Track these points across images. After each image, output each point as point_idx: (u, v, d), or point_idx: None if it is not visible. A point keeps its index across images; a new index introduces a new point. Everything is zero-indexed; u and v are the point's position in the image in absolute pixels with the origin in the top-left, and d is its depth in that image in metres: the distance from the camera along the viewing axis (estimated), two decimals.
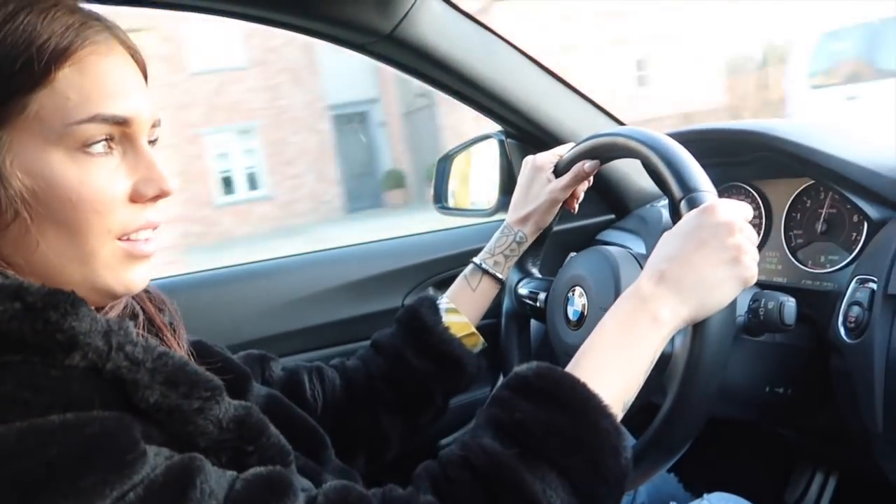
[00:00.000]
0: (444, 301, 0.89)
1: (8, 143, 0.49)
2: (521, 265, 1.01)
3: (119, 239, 0.54)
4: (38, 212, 0.50)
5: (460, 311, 0.89)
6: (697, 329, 0.63)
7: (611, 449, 0.54)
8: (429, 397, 0.86)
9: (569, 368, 0.60)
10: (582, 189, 0.96)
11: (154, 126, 0.56)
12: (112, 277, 0.54)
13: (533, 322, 1.03)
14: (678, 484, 1.13)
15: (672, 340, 0.68)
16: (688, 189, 0.68)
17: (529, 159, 0.96)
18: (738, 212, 0.64)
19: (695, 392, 0.63)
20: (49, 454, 0.42)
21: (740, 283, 0.63)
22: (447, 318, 0.87)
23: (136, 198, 0.54)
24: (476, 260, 0.93)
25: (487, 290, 0.92)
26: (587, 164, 0.89)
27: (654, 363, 0.62)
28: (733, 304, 0.64)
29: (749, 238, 0.64)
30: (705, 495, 0.90)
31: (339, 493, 0.53)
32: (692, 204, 0.66)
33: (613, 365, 0.60)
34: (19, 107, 0.49)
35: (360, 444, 0.84)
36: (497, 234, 0.94)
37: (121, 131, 0.53)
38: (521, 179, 0.95)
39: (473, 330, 0.89)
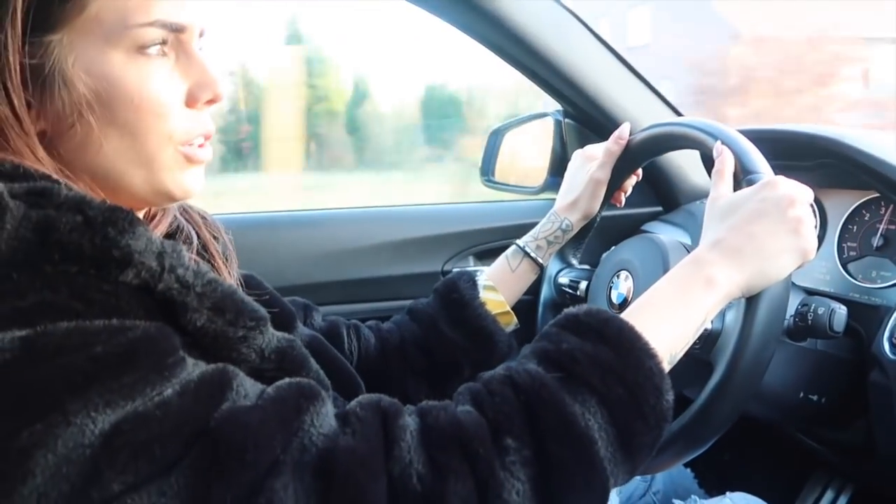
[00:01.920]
0: (482, 278, 0.90)
1: (69, 43, 0.50)
2: (561, 255, 1.01)
3: (174, 144, 0.55)
4: (101, 113, 0.51)
5: (498, 290, 0.90)
6: (750, 303, 0.63)
7: (653, 388, 0.54)
8: (457, 369, 0.87)
9: (621, 315, 0.60)
10: (630, 182, 0.96)
11: (201, 35, 0.58)
12: (171, 180, 0.56)
13: None
14: (693, 479, 1.14)
15: (723, 317, 0.68)
16: (749, 171, 0.68)
17: (580, 151, 0.97)
18: (799, 189, 0.65)
19: (744, 366, 0.63)
20: (93, 351, 0.43)
21: (799, 254, 0.63)
22: (484, 295, 0.88)
23: (191, 102, 0.55)
24: (519, 242, 0.93)
25: (526, 274, 0.93)
26: (612, 144, 0.90)
27: (703, 337, 0.62)
28: (789, 279, 0.64)
29: (810, 215, 0.64)
30: (728, 493, 0.91)
31: (371, 399, 0.54)
32: (752, 184, 0.67)
33: (664, 318, 0.60)
34: (79, 7, 0.50)
35: None
36: (543, 220, 0.94)
37: (175, 37, 0.54)
38: (570, 168, 0.96)
39: (508, 309, 0.89)
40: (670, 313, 0.61)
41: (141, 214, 0.59)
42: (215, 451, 0.45)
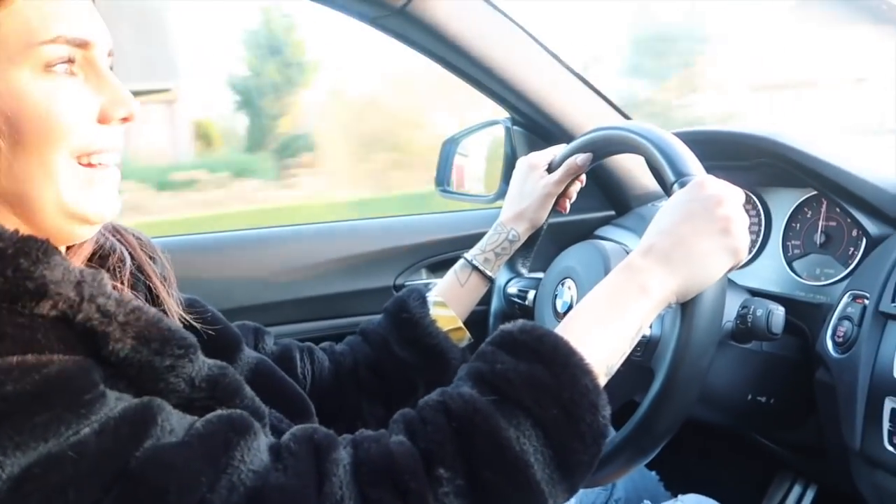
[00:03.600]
0: (433, 294, 0.89)
1: None
2: (510, 265, 1.01)
3: (80, 161, 0.53)
4: (9, 133, 0.49)
5: (448, 305, 0.89)
6: (686, 308, 0.63)
7: (589, 405, 0.53)
8: (412, 388, 0.86)
9: (556, 330, 0.59)
10: (574, 189, 0.95)
11: (110, 54, 0.56)
12: (82, 200, 0.54)
13: None
14: (658, 482, 1.14)
15: (661, 322, 0.67)
16: (680, 173, 0.68)
17: (523, 158, 0.96)
18: (728, 189, 0.64)
19: (684, 373, 0.62)
20: (4, 390, 0.42)
21: (730, 254, 0.62)
22: (435, 312, 0.86)
23: (104, 119, 0.54)
24: (467, 256, 0.92)
25: (476, 287, 0.92)
26: (579, 158, 0.88)
27: (643, 344, 0.61)
28: (724, 281, 0.64)
29: (740, 214, 0.63)
30: (679, 496, 0.90)
31: (304, 431, 0.53)
32: (684, 186, 0.66)
33: (598, 330, 0.59)
34: None
35: (340, 429, 0.85)
36: (490, 232, 0.94)
37: (82, 55, 0.53)
38: (515, 177, 0.95)
39: (460, 324, 0.88)
40: (605, 323, 0.60)
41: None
42: (136, 493, 0.43)
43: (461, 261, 0.93)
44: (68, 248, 0.59)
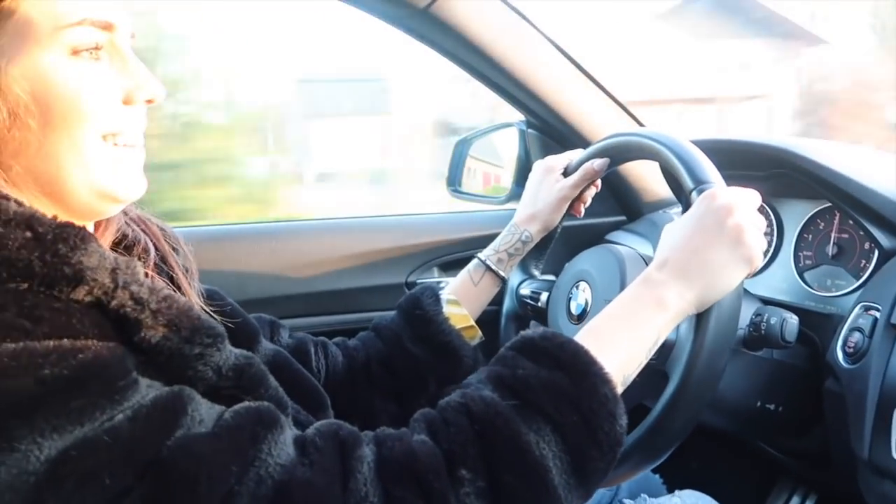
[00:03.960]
0: (446, 292, 0.90)
1: (1, 47, 0.50)
2: (523, 266, 1.02)
3: (106, 140, 0.55)
4: (39, 115, 0.50)
5: (461, 304, 0.89)
6: (703, 313, 0.64)
7: (607, 414, 0.55)
8: (423, 384, 0.87)
9: (575, 338, 0.60)
10: (590, 193, 0.96)
11: (132, 37, 0.58)
12: (109, 179, 0.55)
13: (533, 324, 1.04)
14: (662, 485, 1.15)
15: (678, 327, 0.69)
16: (698, 181, 0.69)
17: (540, 161, 0.97)
18: (740, 196, 0.65)
19: (697, 377, 0.64)
20: (41, 374, 0.42)
21: (744, 263, 0.63)
22: (448, 309, 0.87)
23: (128, 100, 0.55)
24: (480, 256, 0.93)
25: (488, 287, 0.93)
26: (596, 163, 0.89)
27: (658, 348, 0.63)
28: (739, 289, 0.65)
29: (752, 221, 0.64)
30: (676, 492, 0.92)
31: (330, 427, 0.54)
32: (702, 192, 0.67)
33: (617, 340, 0.60)
34: (7, 11, 0.50)
35: (351, 424, 0.85)
36: (503, 232, 0.95)
37: (107, 38, 0.54)
38: (531, 179, 0.96)
39: (472, 323, 0.89)
40: (623, 335, 0.61)
41: (91, 228, 0.58)
42: (167, 481, 0.44)
43: (475, 260, 0.94)
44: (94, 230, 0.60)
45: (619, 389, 0.58)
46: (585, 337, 0.60)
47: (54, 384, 0.43)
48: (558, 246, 1.01)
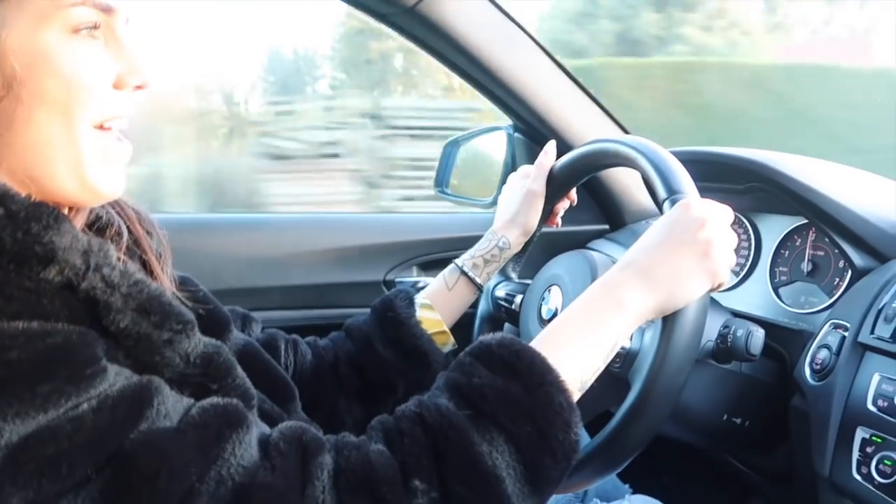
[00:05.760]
0: (420, 296, 0.89)
1: (4, 17, 0.49)
2: (501, 269, 1.01)
3: (95, 127, 0.54)
4: (31, 88, 0.50)
5: (435, 308, 0.89)
6: (667, 323, 0.64)
7: (562, 423, 0.55)
8: (391, 388, 0.86)
9: (532, 344, 0.60)
10: (562, 206, 0.96)
11: (128, 22, 0.57)
12: (96, 169, 0.54)
13: (507, 326, 1.03)
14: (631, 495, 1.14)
15: (641, 336, 0.68)
16: (672, 191, 0.69)
17: (516, 171, 0.97)
18: (714, 210, 0.65)
19: (659, 387, 0.63)
20: (8, 356, 0.42)
21: (708, 277, 0.63)
22: (421, 314, 0.87)
23: (120, 85, 0.55)
24: (457, 261, 0.93)
25: (463, 293, 0.92)
26: (546, 155, 0.92)
27: (623, 357, 0.62)
28: (705, 301, 0.64)
29: (723, 236, 0.64)
30: (627, 496, 0.91)
31: (294, 431, 0.54)
32: (675, 203, 0.67)
33: (575, 345, 0.60)
34: None
35: (316, 422, 0.85)
36: (481, 239, 0.94)
37: (105, 20, 0.54)
38: (508, 186, 0.96)
39: (445, 328, 0.88)
40: (581, 338, 0.61)
41: (65, 210, 0.57)
42: (127, 475, 0.44)
43: (451, 265, 0.93)
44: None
45: (576, 396, 0.58)
46: (543, 343, 0.60)
47: (20, 368, 0.42)
48: (539, 252, 1.00)
